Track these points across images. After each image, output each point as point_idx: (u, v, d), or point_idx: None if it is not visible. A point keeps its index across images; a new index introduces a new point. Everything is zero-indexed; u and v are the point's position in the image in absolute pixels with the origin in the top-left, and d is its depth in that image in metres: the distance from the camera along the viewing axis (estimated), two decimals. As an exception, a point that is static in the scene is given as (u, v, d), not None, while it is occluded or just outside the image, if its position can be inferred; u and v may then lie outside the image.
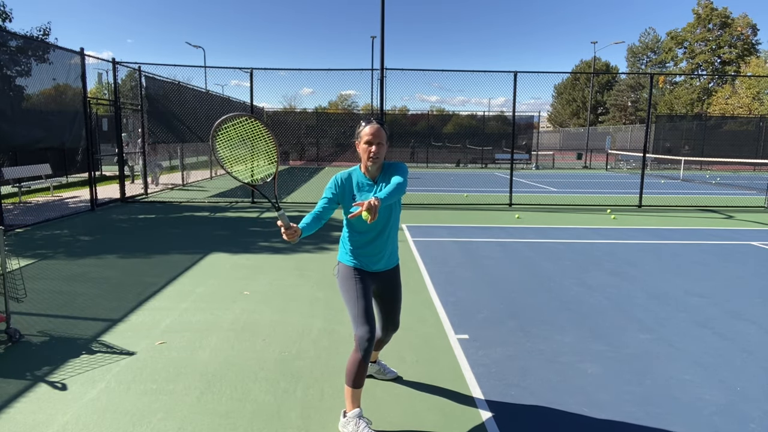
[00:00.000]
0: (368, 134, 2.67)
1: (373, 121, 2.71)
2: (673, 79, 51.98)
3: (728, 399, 3.23)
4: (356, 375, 2.69)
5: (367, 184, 2.77)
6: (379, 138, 2.67)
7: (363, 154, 2.71)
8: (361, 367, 2.68)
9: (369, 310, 2.73)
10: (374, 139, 2.67)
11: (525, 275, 5.98)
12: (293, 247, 7.31)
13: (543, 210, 11.53)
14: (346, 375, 2.75)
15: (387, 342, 3.18)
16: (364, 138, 2.68)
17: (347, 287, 2.80)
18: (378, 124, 2.70)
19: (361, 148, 2.72)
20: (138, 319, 4.42)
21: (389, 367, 3.40)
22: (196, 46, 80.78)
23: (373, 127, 2.68)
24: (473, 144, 29.13)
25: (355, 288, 2.77)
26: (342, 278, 2.84)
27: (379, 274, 2.89)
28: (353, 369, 2.70)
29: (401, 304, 3.04)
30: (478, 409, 3.08)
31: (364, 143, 2.68)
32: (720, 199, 13.75)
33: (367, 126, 2.69)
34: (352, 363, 2.71)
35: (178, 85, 14.62)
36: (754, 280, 5.96)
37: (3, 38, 8.64)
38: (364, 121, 2.75)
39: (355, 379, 2.71)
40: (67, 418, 2.90)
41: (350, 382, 2.73)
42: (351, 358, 2.72)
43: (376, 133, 2.67)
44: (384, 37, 13.82)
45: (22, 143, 8.85)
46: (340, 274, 2.87)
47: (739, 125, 30.24)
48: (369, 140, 2.67)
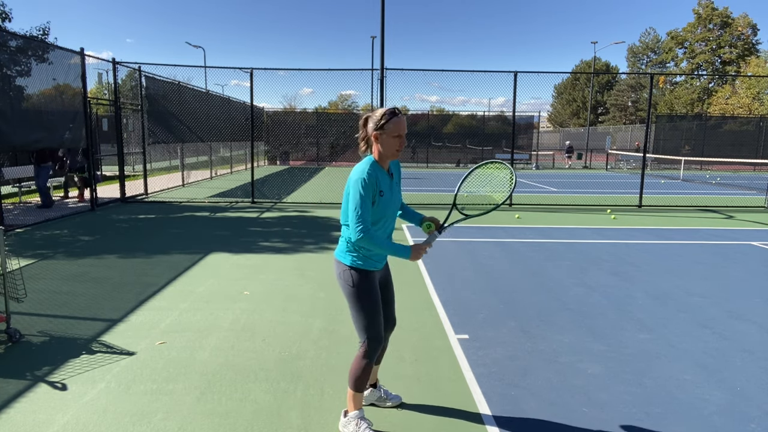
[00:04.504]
0: (401, 128, 2.55)
1: (398, 112, 2.57)
2: (673, 79, 51.99)
3: (728, 399, 3.23)
4: (361, 379, 2.67)
5: (387, 176, 2.66)
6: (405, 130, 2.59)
7: (388, 147, 2.57)
8: (366, 373, 2.67)
9: (381, 317, 2.70)
10: (403, 132, 2.57)
11: (525, 275, 5.97)
12: (293, 247, 7.32)
13: (543, 210, 11.53)
14: (350, 380, 2.70)
15: (385, 348, 3.01)
16: (394, 131, 2.53)
17: (361, 294, 2.64)
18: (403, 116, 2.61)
19: (386, 141, 2.55)
20: (138, 319, 4.42)
21: (391, 393, 3.15)
22: (196, 46, 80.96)
23: (403, 120, 2.56)
24: (473, 144, 29.14)
25: (371, 294, 2.65)
26: (357, 285, 2.64)
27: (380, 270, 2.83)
28: (360, 374, 2.66)
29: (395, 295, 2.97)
30: (478, 409, 3.07)
31: (394, 136, 2.54)
32: (720, 199, 13.75)
33: (398, 118, 2.54)
34: (358, 369, 2.66)
35: (178, 85, 14.62)
36: (754, 280, 5.95)
37: (3, 38, 8.64)
38: (385, 111, 2.56)
39: (360, 383, 2.68)
40: (67, 418, 2.90)
41: (353, 385, 2.70)
42: (358, 364, 2.67)
43: (405, 126, 2.57)
44: (384, 37, 13.83)
45: (22, 143, 8.84)
46: (355, 281, 2.64)
47: (739, 125, 30.26)
48: (400, 133, 2.55)
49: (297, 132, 28.70)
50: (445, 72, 12.80)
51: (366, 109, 34.72)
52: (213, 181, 17.66)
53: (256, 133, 17.22)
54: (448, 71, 12.82)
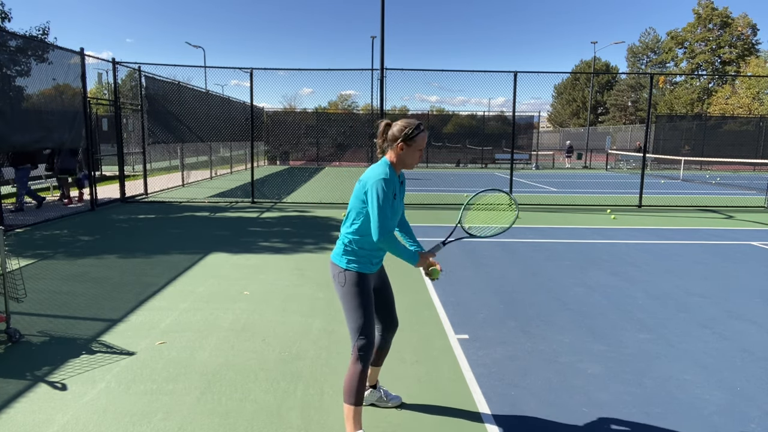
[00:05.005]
0: (425, 143, 2.72)
1: (423, 127, 2.74)
2: (673, 79, 52.00)
3: (728, 399, 3.23)
4: (358, 390, 2.59)
5: (399, 182, 2.74)
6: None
7: (411, 159, 2.71)
8: (362, 380, 2.59)
9: (374, 320, 2.69)
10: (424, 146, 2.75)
11: (525, 275, 5.97)
12: (293, 247, 7.32)
13: (543, 210, 11.53)
14: (346, 392, 2.61)
15: (388, 350, 2.99)
16: (420, 144, 2.69)
17: (355, 295, 2.63)
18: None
19: (410, 153, 2.69)
20: (138, 319, 4.42)
21: (391, 393, 3.16)
22: (196, 46, 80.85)
23: (427, 135, 2.76)
24: (473, 144, 29.14)
25: (364, 297, 2.65)
26: (350, 286, 2.65)
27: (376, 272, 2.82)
28: (354, 383, 2.58)
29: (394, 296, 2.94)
30: (478, 409, 3.08)
31: (419, 149, 2.70)
32: (720, 199, 13.75)
33: (424, 133, 2.71)
34: (352, 377, 2.59)
35: (178, 85, 14.62)
36: (754, 280, 5.96)
37: (3, 38, 8.64)
38: (414, 123, 2.69)
39: (357, 395, 2.59)
40: (67, 418, 2.90)
41: (351, 399, 2.59)
42: (350, 372, 2.60)
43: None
44: (384, 37, 13.84)
45: (22, 143, 8.84)
46: (348, 282, 2.66)
47: (739, 125, 30.26)
48: (422, 147, 2.72)
49: (297, 132, 28.70)
50: (445, 72, 12.82)
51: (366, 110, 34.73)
52: (213, 181, 17.66)
53: (256, 133, 17.22)
54: (448, 71, 12.84)
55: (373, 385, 3.07)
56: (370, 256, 2.68)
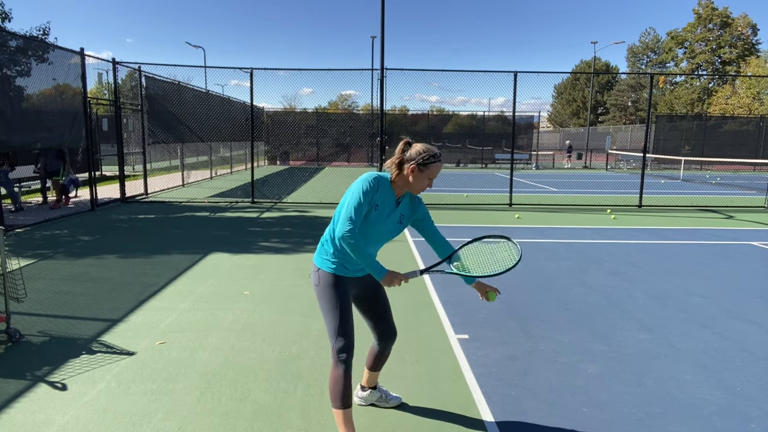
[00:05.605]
0: (437, 173, 2.57)
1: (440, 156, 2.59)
2: (673, 79, 51.99)
3: (728, 399, 3.23)
4: (343, 393, 2.51)
5: (393, 201, 2.60)
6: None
7: (419, 184, 2.55)
8: (346, 382, 2.52)
9: (350, 321, 2.60)
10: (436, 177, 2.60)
11: (525, 275, 5.97)
12: (293, 247, 7.32)
13: (543, 210, 11.53)
14: (331, 399, 2.55)
15: (387, 356, 2.93)
16: (432, 173, 2.54)
17: (329, 296, 2.59)
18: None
19: (420, 178, 2.54)
20: (138, 319, 4.42)
21: (391, 393, 3.14)
22: (196, 46, 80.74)
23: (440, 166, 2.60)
24: (473, 144, 29.15)
25: (338, 297, 2.58)
26: (324, 287, 2.61)
27: (362, 278, 2.72)
28: (339, 387, 2.51)
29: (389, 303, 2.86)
30: (478, 409, 3.07)
31: (429, 177, 2.55)
32: (720, 199, 13.75)
33: (439, 163, 2.57)
34: (335, 381, 2.52)
35: (178, 85, 14.62)
36: (754, 280, 5.95)
37: (3, 38, 8.64)
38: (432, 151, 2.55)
39: (342, 398, 2.52)
40: (67, 418, 2.90)
41: (338, 403, 2.53)
42: (333, 376, 2.54)
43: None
44: (384, 37, 13.82)
45: (22, 143, 8.84)
46: (321, 282, 2.62)
47: (739, 125, 30.25)
48: (433, 177, 2.58)
49: (297, 132, 28.71)
50: (445, 72, 12.82)
51: (366, 110, 34.72)
52: (213, 181, 17.66)
53: (256, 133, 17.22)
54: (448, 71, 12.85)
55: (373, 386, 3.07)
56: (343, 260, 2.60)
